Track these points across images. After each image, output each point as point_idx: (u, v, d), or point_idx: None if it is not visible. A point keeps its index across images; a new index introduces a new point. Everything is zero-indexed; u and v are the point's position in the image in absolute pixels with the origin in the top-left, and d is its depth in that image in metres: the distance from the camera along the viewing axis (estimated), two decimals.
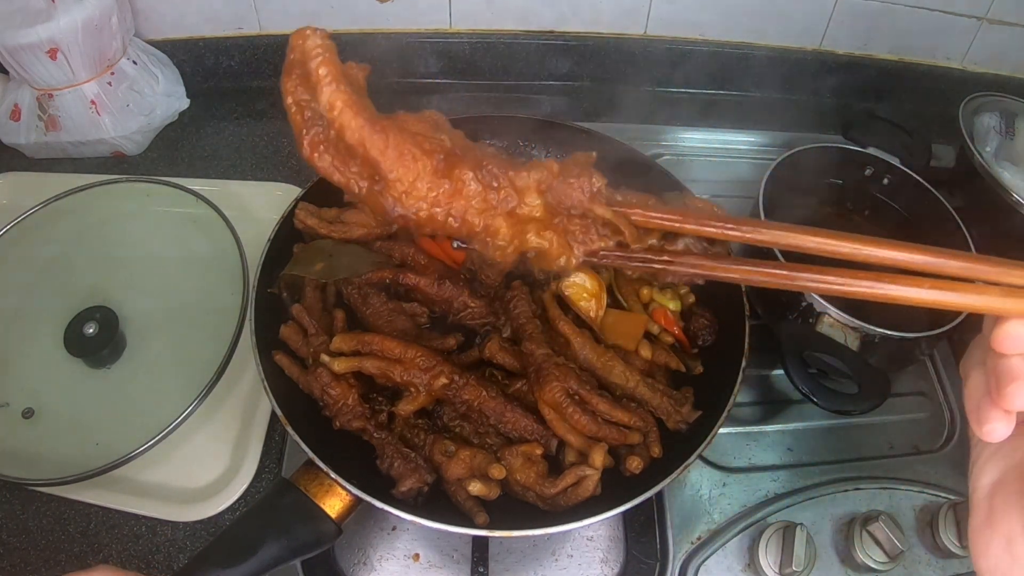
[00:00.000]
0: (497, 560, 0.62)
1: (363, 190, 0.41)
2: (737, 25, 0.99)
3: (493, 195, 0.42)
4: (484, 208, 0.41)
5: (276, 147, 0.93)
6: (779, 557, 0.59)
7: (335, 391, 0.54)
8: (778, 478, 0.67)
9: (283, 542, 0.47)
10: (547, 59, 1.00)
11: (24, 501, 0.63)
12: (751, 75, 1.03)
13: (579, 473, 0.52)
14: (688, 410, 0.56)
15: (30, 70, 0.80)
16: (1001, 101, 0.85)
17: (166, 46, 0.94)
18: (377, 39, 0.96)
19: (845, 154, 0.81)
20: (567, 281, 0.62)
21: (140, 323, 0.71)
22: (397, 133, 0.40)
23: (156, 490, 0.64)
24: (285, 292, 0.61)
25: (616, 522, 0.64)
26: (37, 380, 0.68)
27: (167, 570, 0.60)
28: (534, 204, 0.42)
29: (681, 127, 0.99)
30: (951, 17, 0.96)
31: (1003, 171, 0.78)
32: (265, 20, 0.94)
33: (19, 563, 0.60)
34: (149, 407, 0.63)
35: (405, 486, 0.52)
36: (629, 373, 0.57)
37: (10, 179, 0.86)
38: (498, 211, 0.42)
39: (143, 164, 0.90)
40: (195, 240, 0.75)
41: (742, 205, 0.82)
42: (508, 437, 0.55)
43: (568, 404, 0.54)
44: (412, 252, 0.63)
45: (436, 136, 0.42)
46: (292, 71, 0.40)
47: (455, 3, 0.94)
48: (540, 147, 0.78)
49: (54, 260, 0.75)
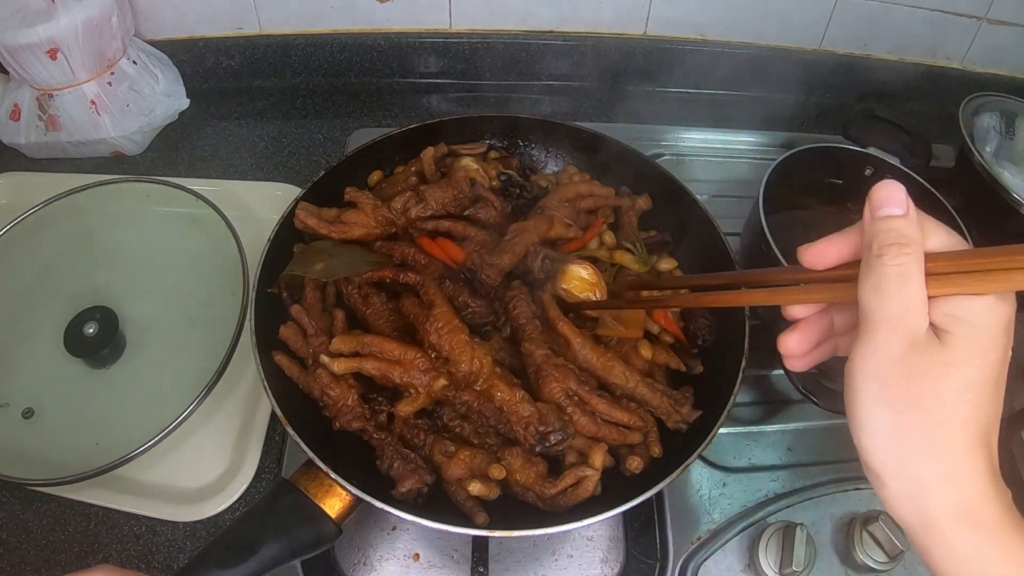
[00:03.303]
0: (497, 560, 0.62)
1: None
2: (737, 25, 0.99)
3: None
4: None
5: (276, 147, 0.93)
6: (779, 557, 0.59)
7: (335, 392, 0.54)
8: (778, 478, 0.67)
9: (283, 542, 0.47)
10: (547, 59, 1.00)
11: (24, 501, 0.63)
12: (751, 75, 1.03)
13: (579, 473, 0.52)
14: (688, 410, 0.56)
15: (30, 70, 0.80)
16: (1001, 101, 0.86)
17: (166, 46, 0.94)
18: (377, 39, 0.97)
19: (845, 154, 0.81)
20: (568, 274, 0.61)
21: (140, 323, 0.71)
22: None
23: (156, 490, 0.64)
24: (285, 292, 0.61)
25: (616, 522, 0.64)
26: (37, 380, 0.68)
27: (167, 570, 0.60)
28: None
29: (681, 127, 0.99)
30: (951, 17, 0.96)
31: (1003, 171, 0.78)
32: (265, 20, 0.94)
33: (19, 563, 0.60)
34: (149, 407, 0.63)
35: (405, 487, 0.52)
36: (629, 373, 0.57)
37: (10, 179, 0.86)
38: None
39: (143, 164, 0.90)
40: (195, 240, 0.75)
41: (742, 205, 0.82)
42: (508, 437, 0.55)
43: (567, 404, 0.54)
44: (412, 252, 0.63)
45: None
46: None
47: (455, 3, 0.94)
48: (540, 147, 0.78)
49: (54, 260, 0.75)
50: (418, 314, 0.56)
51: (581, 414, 0.54)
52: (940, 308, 0.30)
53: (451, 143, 0.72)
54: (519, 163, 0.75)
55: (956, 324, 0.30)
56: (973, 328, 0.30)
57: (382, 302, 0.60)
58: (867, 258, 0.31)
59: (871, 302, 0.31)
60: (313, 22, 0.95)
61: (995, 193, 0.76)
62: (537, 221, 0.65)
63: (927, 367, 0.30)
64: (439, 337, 0.54)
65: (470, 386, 0.54)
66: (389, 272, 0.61)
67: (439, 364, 0.54)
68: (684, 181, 0.69)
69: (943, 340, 0.30)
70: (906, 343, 0.30)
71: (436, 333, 0.54)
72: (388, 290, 0.62)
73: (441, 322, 0.54)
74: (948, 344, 0.30)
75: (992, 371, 0.30)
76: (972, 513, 0.30)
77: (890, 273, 0.30)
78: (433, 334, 0.54)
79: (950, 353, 0.30)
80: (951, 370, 0.30)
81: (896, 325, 0.30)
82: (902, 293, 0.30)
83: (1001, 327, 0.30)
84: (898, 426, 0.31)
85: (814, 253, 0.35)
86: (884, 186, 0.32)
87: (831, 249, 0.34)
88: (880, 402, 0.31)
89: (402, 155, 0.73)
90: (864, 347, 0.31)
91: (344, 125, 0.96)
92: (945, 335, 0.30)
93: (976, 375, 0.30)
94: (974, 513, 0.30)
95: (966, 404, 0.30)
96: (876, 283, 0.31)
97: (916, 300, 0.30)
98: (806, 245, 0.35)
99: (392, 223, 0.64)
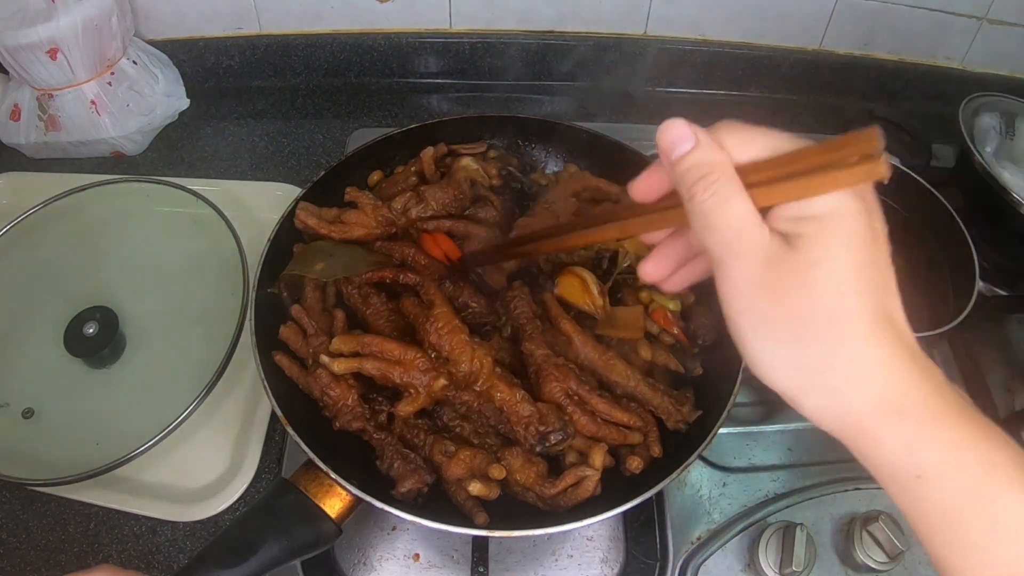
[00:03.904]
0: (497, 560, 0.62)
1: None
2: (737, 25, 0.99)
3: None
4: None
5: (276, 147, 0.93)
6: (779, 557, 0.59)
7: (335, 392, 0.54)
8: (778, 478, 0.67)
9: (283, 542, 0.47)
10: (547, 59, 1.00)
11: (24, 501, 0.63)
12: (751, 75, 1.03)
13: (579, 473, 0.52)
14: (688, 410, 0.56)
15: (30, 70, 0.80)
16: (1001, 101, 0.86)
17: (166, 46, 0.94)
18: (377, 39, 0.97)
19: None
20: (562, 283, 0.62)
21: (140, 323, 0.71)
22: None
23: (156, 490, 0.64)
24: (285, 292, 0.61)
25: (616, 522, 0.64)
26: (37, 380, 0.68)
27: (167, 570, 0.60)
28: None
29: None
30: (951, 17, 0.96)
31: (1003, 171, 0.78)
32: (265, 20, 0.94)
33: (19, 563, 0.60)
34: (149, 407, 0.63)
35: (404, 487, 0.52)
36: (630, 372, 0.57)
37: (10, 179, 0.86)
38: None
39: (143, 164, 0.90)
40: (195, 240, 0.75)
41: None
42: (508, 437, 0.55)
43: (567, 404, 0.54)
44: (413, 252, 0.63)
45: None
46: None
47: (455, 3, 0.94)
48: (540, 147, 0.78)
49: (54, 260, 0.75)
50: (418, 314, 0.56)
51: (581, 414, 0.54)
52: (781, 214, 0.29)
53: (451, 143, 0.72)
54: (519, 163, 0.75)
55: (803, 224, 0.28)
56: (822, 222, 0.28)
57: (382, 302, 0.60)
58: (686, 203, 0.30)
59: (705, 240, 0.30)
60: (313, 22, 0.95)
61: (995, 193, 0.77)
62: (543, 217, 0.65)
63: (788, 276, 0.28)
64: (439, 337, 0.54)
65: (470, 386, 0.54)
66: (389, 272, 0.61)
67: (439, 364, 0.54)
68: None
69: (796, 244, 0.28)
70: (757, 263, 0.29)
71: (436, 333, 0.54)
72: (388, 290, 0.62)
73: (441, 322, 0.54)
74: (801, 247, 0.28)
75: (863, 253, 0.28)
76: (895, 404, 0.28)
77: (708, 207, 0.29)
78: (433, 334, 0.54)
79: (806, 254, 0.28)
80: (813, 270, 0.28)
81: (738, 250, 0.29)
82: (727, 218, 0.29)
83: (854, 209, 0.28)
84: (789, 344, 0.29)
85: (639, 188, 0.34)
86: (666, 128, 0.30)
87: (653, 181, 0.34)
88: (761, 327, 0.30)
89: (402, 155, 0.72)
90: (723, 284, 0.30)
91: (344, 125, 0.96)
92: (796, 239, 0.28)
93: (844, 263, 0.28)
94: (897, 403, 0.28)
95: (846, 296, 0.28)
96: (702, 221, 0.30)
97: (744, 218, 0.29)
98: (633, 180, 0.34)
99: (392, 223, 0.64)
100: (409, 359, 0.54)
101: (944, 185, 0.79)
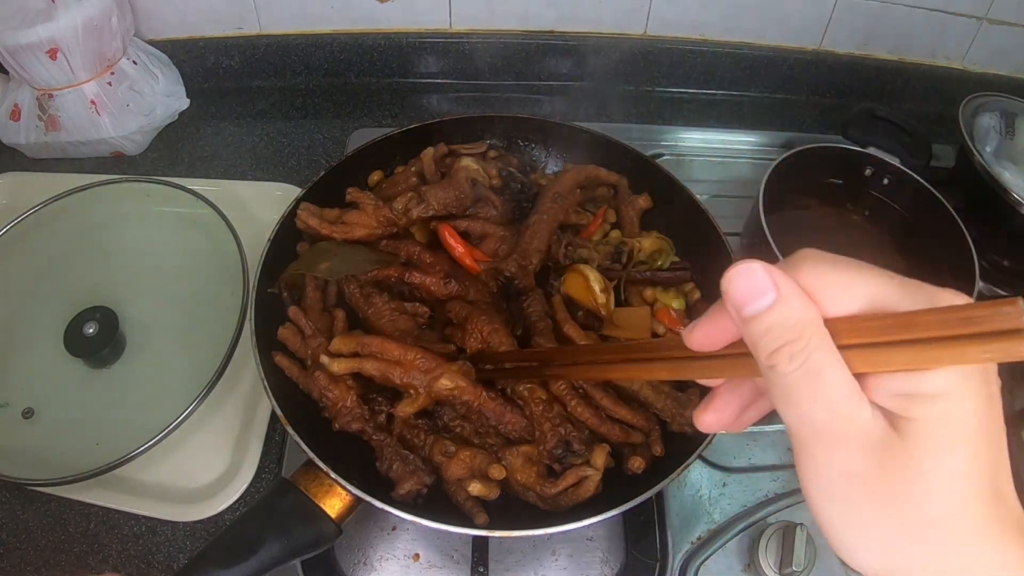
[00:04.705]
0: (497, 560, 0.62)
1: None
2: (737, 25, 0.99)
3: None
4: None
5: (276, 147, 0.93)
6: (779, 557, 0.59)
7: (333, 393, 0.54)
8: (778, 478, 0.67)
9: (283, 542, 0.47)
10: (547, 59, 1.00)
11: (24, 501, 0.63)
12: (751, 75, 1.03)
13: (580, 473, 0.52)
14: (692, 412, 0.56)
15: (30, 70, 0.80)
16: (1001, 101, 0.85)
17: (166, 46, 0.94)
18: (377, 39, 0.97)
19: (845, 154, 0.81)
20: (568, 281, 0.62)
21: (140, 323, 0.71)
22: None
23: (156, 490, 0.64)
24: (285, 292, 0.61)
25: (616, 522, 0.64)
26: (37, 380, 0.68)
27: (167, 570, 0.60)
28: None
29: (681, 127, 0.99)
30: (951, 17, 0.96)
31: (1003, 171, 0.78)
32: (265, 20, 0.94)
33: (19, 563, 0.60)
34: (149, 407, 0.63)
35: (404, 488, 0.52)
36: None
37: (10, 179, 0.86)
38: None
39: (143, 164, 0.90)
40: (195, 240, 0.75)
41: (742, 205, 0.82)
42: (508, 437, 0.55)
43: (572, 397, 0.54)
44: (417, 251, 0.63)
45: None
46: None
47: (455, 3, 0.94)
48: (540, 147, 0.78)
49: (54, 260, 0.75)
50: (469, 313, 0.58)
51: (585, 407, 0.54)
52: (885, 386, 0.23)
53: (451, 143, 0.72)
54: (519, 163, 0.75)
55: (915, 405, 0.23)
56: (939, 404, 0.22)
57: (384, 302, 0.60)
58: (763, 371, 0.24)
59: (787, 417, 0.24)
60: (313, 22, 0.95)
61: (995, 193, 0.76)
62: (551, 211, 0.65)
63: (896, 472, 0.23)
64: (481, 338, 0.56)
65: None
66: (395, 271, 0.61)
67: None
68: (684, 181, 0.69)
69: (905, 430, 0.23)
70: (855, 451, 0.23)
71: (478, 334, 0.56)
72: (390, 290, 0.62)
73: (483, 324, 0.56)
74: (912, 434, 0.23)
75: (984, 438, 0.23)
76: None
77: (791, 382, 0.23)
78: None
79: (919, 445, 0.22)
80: (928, 464, 0.22)
81: (831, 435, 0.23)
82: (818, 397, 0.23)
83: (976, 388, 0.22)
84: (889, 541, 0.24)
85: (697, 338, 0.28)
86: (737, 276, 0.24)
87: (716, 330, 0.27)
88: (855, 520, 0.24)
89: (402, 155, 0.73)
90: (807, 471, 0.25)
91: (344, 125, 0.96)
92: (906, 423, 0.23)
93: (963, 456, 0.22)
94: None
95: (960, 493, 0.23)
96: (783, 395, 0.24)
97: (840, 397, 0.23)
98: (689, 328, 0.28)
99: (394, 223, 0.64)
100: (409, 359, 0.54)
101: (944, 185, 0.79)
